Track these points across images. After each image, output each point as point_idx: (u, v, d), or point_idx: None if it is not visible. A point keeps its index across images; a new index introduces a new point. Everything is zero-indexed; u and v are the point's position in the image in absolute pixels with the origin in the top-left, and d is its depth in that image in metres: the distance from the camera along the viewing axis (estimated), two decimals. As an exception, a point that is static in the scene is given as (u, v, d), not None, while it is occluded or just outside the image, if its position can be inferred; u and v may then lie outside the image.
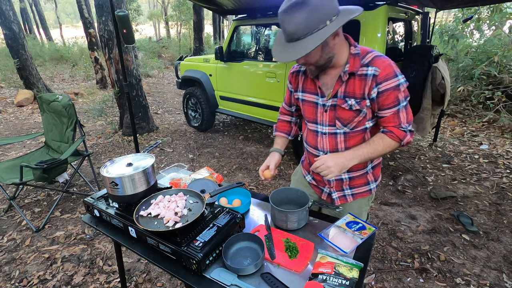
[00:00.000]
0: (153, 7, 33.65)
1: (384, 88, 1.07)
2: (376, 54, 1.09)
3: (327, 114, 1.20)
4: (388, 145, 1.13)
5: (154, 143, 1.84)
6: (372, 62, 1.08)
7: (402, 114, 1.10)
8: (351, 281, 0.94)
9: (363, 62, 1.09)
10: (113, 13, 2.49)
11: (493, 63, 4.70)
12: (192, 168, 3.62)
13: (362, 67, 1.09)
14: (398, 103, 1.09)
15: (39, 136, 3.84)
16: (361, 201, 1.37)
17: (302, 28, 0.97)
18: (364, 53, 1.11)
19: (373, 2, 2.80)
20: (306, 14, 0.95)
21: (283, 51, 1.03)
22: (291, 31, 0.99)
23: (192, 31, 13.23)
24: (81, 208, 2.85)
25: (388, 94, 1.07)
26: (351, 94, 1.12)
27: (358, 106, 1.12)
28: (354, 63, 1.09)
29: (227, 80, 4.30)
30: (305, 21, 0.96)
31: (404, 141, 1.12)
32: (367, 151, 1.12)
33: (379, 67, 1.06)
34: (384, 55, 1.10)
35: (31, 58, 6.81)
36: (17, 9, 12.92)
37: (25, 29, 14.75)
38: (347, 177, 1.30)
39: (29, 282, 2.01)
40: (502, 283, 1.93)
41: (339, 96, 1.14)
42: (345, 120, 1.17)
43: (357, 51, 1.10)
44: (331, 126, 1.21)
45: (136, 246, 1.19)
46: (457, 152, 3.92)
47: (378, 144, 1.13)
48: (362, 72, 1.09)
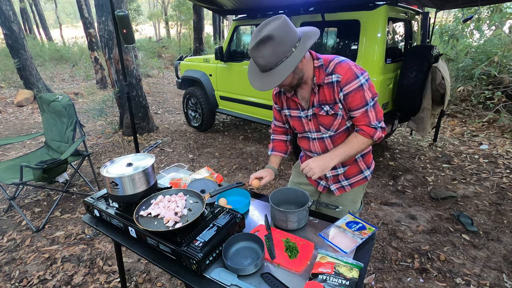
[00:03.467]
0: (153, 7, 33.65)
1: (348, 90, 1.17)
2: (337, 62, 1.19)
3: (311, 122, 1.33)
4: (362, 142, 1.23)
5: (154, 143, 1.84)
6: (334, 70, 1.18)
7: (371, 113, 1.20)
8: (351, 281, 0.94)
9: (327, 71, 1.20)
10: (113, 13, 2.50)
11: (493, 63, 4.70)
12: (192, 168, 3.62)
13: (327, 76, 1.20)
14: (366, 103, 1.18)
15: (39, 136, 3.84)
16: (357, 189, 1.48)
17: (273, 60, 1.08)
18: (327, 63, 1.20)
19: (373, 2, 2.80)
20: (273, 47, 1.05)
21: (260, 81, 1.14)
22: (263, 64, 1.10)
23: (192, 31, 13.22)
24: (81, 208, 2.85)
25: (353, 96, 1.17)
26: (324, 102, 1.24)
27: (333, 110, 1.24)
28: (320, 75, 1.20)
29: (227, 80, 4.30)
30: (274, 54, 1.06)
31: (375, 137, 1.22)
32: (344, 150, 1.23)
33: (340, 73, 1.17)
34: (345, 60, 1.19)
35: (31, 58, 6.81)
36: (17, 9, 12.92)
37: (25, 29, 14.74)
38: (342, 170, 1.41)
39: (29, 282, 2.01)
40: (502, 283, 1.93)
41: (316, 105, 1.26)
42: (326, 125, 1.29)
43: (320, 63, 1.20)
44: (317, 132, 1.34)
45: (136, 246, 1.19)
46: (457, 152, 3.92)
47: (353, 143, 1.23)
48: (328, 80, 1.20)
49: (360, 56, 2.93)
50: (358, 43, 2.94)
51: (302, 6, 3.32)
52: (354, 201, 1.49)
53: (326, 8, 3.07)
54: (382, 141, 4.23)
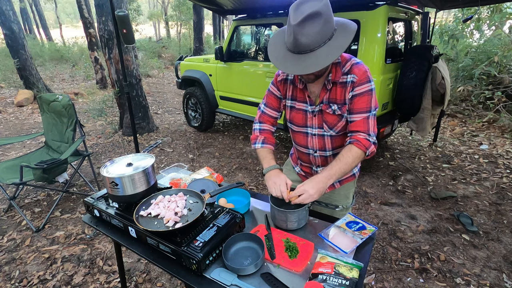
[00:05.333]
0: (153, 7, 33.67)
1: (358, 92, 1.15)
2: (354, 62, 1.16)
3: (316, 118, 1.28)
4: (356, 156, 1.17)
5: (154, 143, 1.84)
6: (351, 70, 1.15)
7: (371, 121, 1.18)
8: (351, 281, 0.94)
9: (344, 70, 1.16)
10: (113, 13, 2.50)
11: (493, 63, 4.70)
12: (192, 168, 3.62)
13: (343, 76, 1.16)
14: (369, 109, 1.17)
15: (39, 136, 3.84)
16: (348, 185, 1.49)
17: (318, 39, 0.99)
18: (344, 61, 1.17)
19: (373, 2, 2.80)
20: (321, 25, 0.97)
21: (296, 64, 1.02)
22: (307, 43, 0.99)
23: (192, 31, 13.24)
24: (81, 208, 2.85)
25: (361, 98, 1.15)
26: (333, 100, 1.21)
27: (340, 111, 1.21)
28: (336, 73, 1.16)
29: (227, 80, 4.30)
30: (320, 33, 0.98)
31: (369, 151, 1.17)
32: (339, 168, 1.17)
33: (357, 74, 1.14)
34: (361, 62, 1.17)
35: (31, 58, 6.81)
36: (17, 9, 12.93)
37: (25, 29, 14.76)
38: None
39: (29, 282, 2.01)
40: (502, 283, 1.93)
41: (324, 102, 1.23)
42: (330, 124, 1.26)
43: (338, 60, 1.16)
44: (320, 128, 1.30)
45: (136, 246, 1.19)
46: (457, 152, 3.92)
47: (347, 157, 1.17)
48: (343, 80, 1.16)
49: (360, 56, 2.93)
50: (358, 43, 2.94)
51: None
52: (347, 196, 1.50)
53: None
54: (382, 141, 4.23)
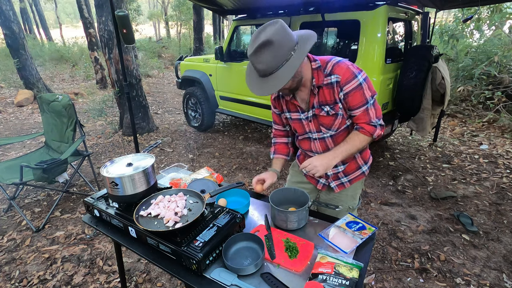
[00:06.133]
0: (153, 7, 33.66)
1: (348, 89, 1.18)
2: (334, 62, 1.20)
3: (312, 123, 1.34)
4: (363, 140, 1.26)
5: (154, 143, 1.84)
6: (332, 71, 1.19)
7: (371, 111, 1.23)
8: (351, 281, 0.94)
9: (326, 72, 1.21)
10: (113, 13, 2.49)
11: (493, 63, 4.70)
12: (192, 168, 3.62)
13: (326, 77, 1.21)
14: (366, 102, 1.20)
15: (39, 136, 3.84)
16: (356, 184, 1.50)
17: (273, 64, 1.08)
18: (324, 64, 1.21)
19: (373, 2, 2.80)
20: (273, 52, 1.05)
21: (260, 87, 1.15)
22: (263, 69, 1.10)
23: (192, 31, 13.23)
24: (81, 208, 2.85)
25: (353, 94, 1.19)
26: (324, 102, 1.25)
27: (333, 111, 1.25)
28: (318, 77, 1.22)
29: (227, 80, 4.30)
30: (274, 58, 1.07)
31: (375, 135, 1.25)
32: (345, 148, 1.25)
33: (339, 73, 1.18)
34: (341, 60, 1.21)
35: (31, 58, 6.81)
36: (17, 9, 12.92)
37: (25, 29, 14.73)
38: (342, 168, 1.43)
39: (29, 282, 2.01)
40: (502, 283, 1.93)
41: (316, 106, 1.28)
42: (327, 125, 1.30)
43: (318, 65, 1.22)
44: (318, 132, 1.35)
45: (136, 246, 1.19)
46: (457, 152, 3.92)
47: (354, 140, 1.26)
48: (327, 81, 1.21)
49: (360, 56, 2.94)
50: (358, 43, 2.94)
51: (302, 6, 3.32)
52: (353, 197, 1.51)
53: (326, 8, 3.07)
54: (382, 141, 4.23)
